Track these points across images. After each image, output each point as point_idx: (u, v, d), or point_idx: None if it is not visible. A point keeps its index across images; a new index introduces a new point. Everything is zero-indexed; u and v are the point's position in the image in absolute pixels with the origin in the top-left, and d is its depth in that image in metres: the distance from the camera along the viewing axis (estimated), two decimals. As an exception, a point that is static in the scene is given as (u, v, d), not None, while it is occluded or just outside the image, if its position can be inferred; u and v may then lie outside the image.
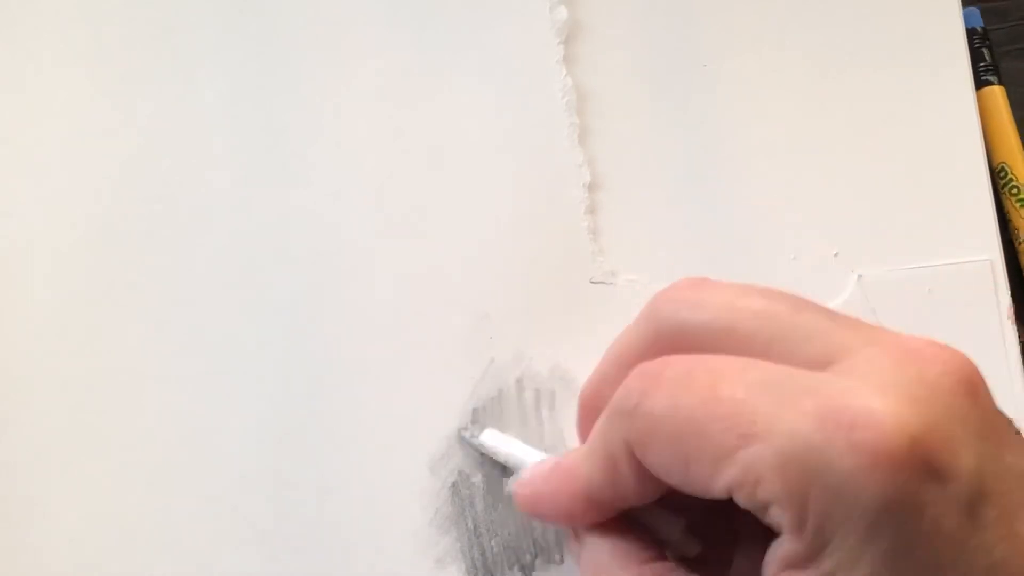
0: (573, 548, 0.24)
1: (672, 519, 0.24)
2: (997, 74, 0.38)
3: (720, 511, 0.22)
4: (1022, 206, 0.36)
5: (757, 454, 0.18)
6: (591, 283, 0.31)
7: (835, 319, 0.20)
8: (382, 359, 0.30)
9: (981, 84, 0.37)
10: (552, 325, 0.31)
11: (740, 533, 0.23)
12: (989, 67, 0.38)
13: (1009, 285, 0.32)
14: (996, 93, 0.38)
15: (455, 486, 0.30)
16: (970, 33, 0.37)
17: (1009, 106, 0.38)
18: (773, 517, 0.18)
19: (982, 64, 0.38)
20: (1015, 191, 0.36)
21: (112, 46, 0.32)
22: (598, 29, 0.33)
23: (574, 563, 0.25)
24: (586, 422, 0.25)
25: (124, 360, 0.30)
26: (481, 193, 0.32)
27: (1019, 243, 0.36)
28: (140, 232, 0.31)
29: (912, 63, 0.33)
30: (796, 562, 0.18)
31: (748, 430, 0.18)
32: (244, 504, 0.29)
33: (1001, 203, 0.36)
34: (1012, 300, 0.32)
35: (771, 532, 0.19)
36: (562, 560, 0.29)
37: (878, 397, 0.17)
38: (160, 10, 0.32)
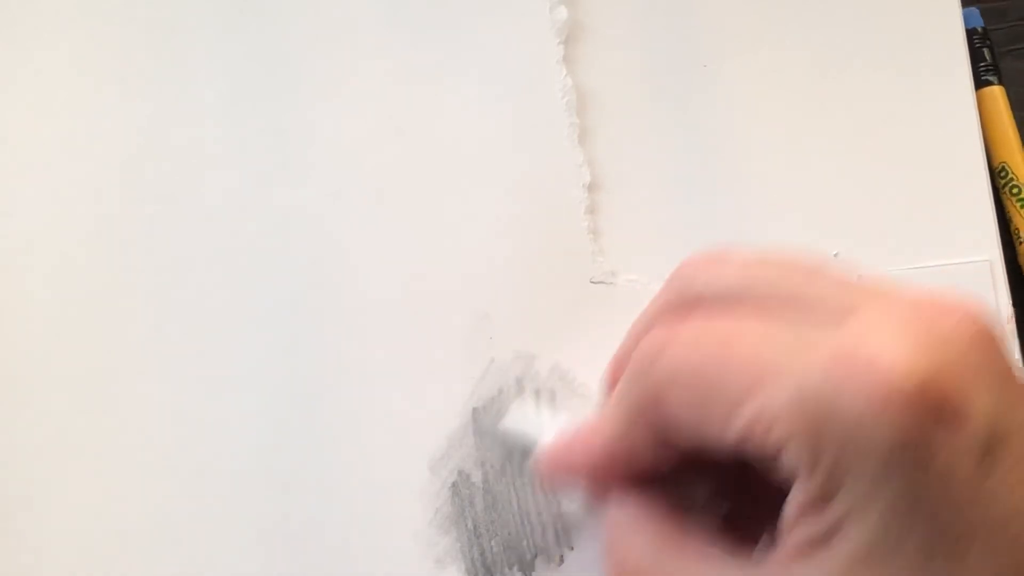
0: (597, 511, 0.24)
1: (699, 482, 0.24)
2: (997, 74, 0.38)
3: (745, 484, 0.22)
4: (1022, 206, 0.36)
5: (770, 398, 0.18)
6: (591, 283, 0.31)
7: (855, 272, 0.20)
8: (382, 359, 0.30)
9: (981, 84, 0.37)
10: (552, 325, 0.31)
11: (765, 506, 0.23)
12: (989, 67, 0.38)
13: (1009, 285, 0.32)
14: (996, 93, 0.38)
15: (455, 486, 0.30)
16: (970, 33, 0.37)
17: (1009, 106, 0.38)
18: (786, 462, 0.18)
19: (982, 64, 0.38)
20: (1015, 191, 0.36)
21: (112, 46, 0.32)
22: (598, 29, 0.33)
23: (594, 528, 0.24)
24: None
25: (124, 360, 0.30)
26: (481, 193, 0.32)
27: (1019, 243, 0.36)
28: (140, 232, 0.31)
29: (912, 63, 0.33)
30: (809, 507, 0.18)
31: (761, 376, 0.18)
32: (244, 504, 0.29)
33: (1001, 203, 0.36)
34: (1012, 300, 0.32)
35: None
36: (562, 560, 0.29)
37: (891, 342, 0.17)
38: (160, 10, 0.32)
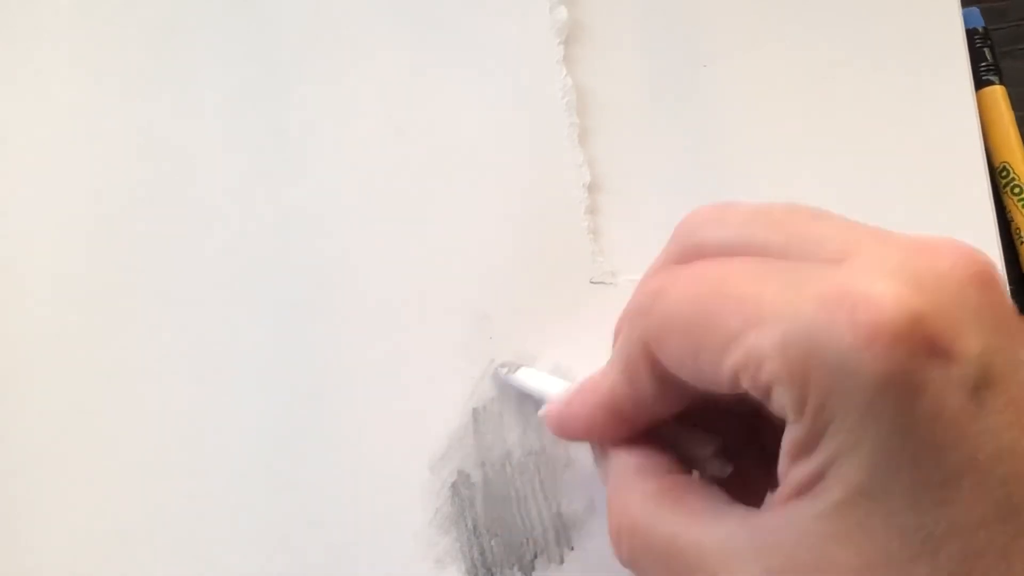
0: (600, 464, 0.24)
1: (703, 439, 0.24)
2: (998, 74, 0.38)
3: (750, 447, 0.22)
4: (1023, 206, 0.36)
5: (761, 335, 0.18)
6: (591, 283, 0.31)
7: (854, 224, 0.20)
8: (382, 359, 0.30)
9: (982, 84, 0.37)
10: (552, 325, 0.31)
11: (770, 470, 0.23)
12: (990, 67, 0.38)
13: (1009, 285, 0.32)
14: (996, 93, 0.38)
15: (455, 486, 0.30)
16: (971, 33, 0.37)
17: (1010, 106, 0.38)
18: (777, 403, 0.18)
19: (983, 64, 0.38)
20: (1016, 191, 0.36)
21: (112, 46, 0.32)
22: (598, 29, 0.33)
23: (601, 482, 0.24)
24: None
25: (124, 360, 0.30)
26: (481, 193, 0.32)
27: (1020, 243, 0.36)
28: (140, 232, 0.31)
29: (912, 63, 0.33)
30: (800, 449, 0.18)
31: (753, 315, 0.18)
32: (244, 504, 0.29)
33: (1001, 203, 0.36)
34: (1012, 300, 0.31)
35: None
36: (562, 560, 0.29)
37: (882, 281, 0.17)
38: (160, 10, 0.32)
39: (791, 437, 0.18)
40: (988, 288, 0.18)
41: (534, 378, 0.29)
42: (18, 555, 0.29)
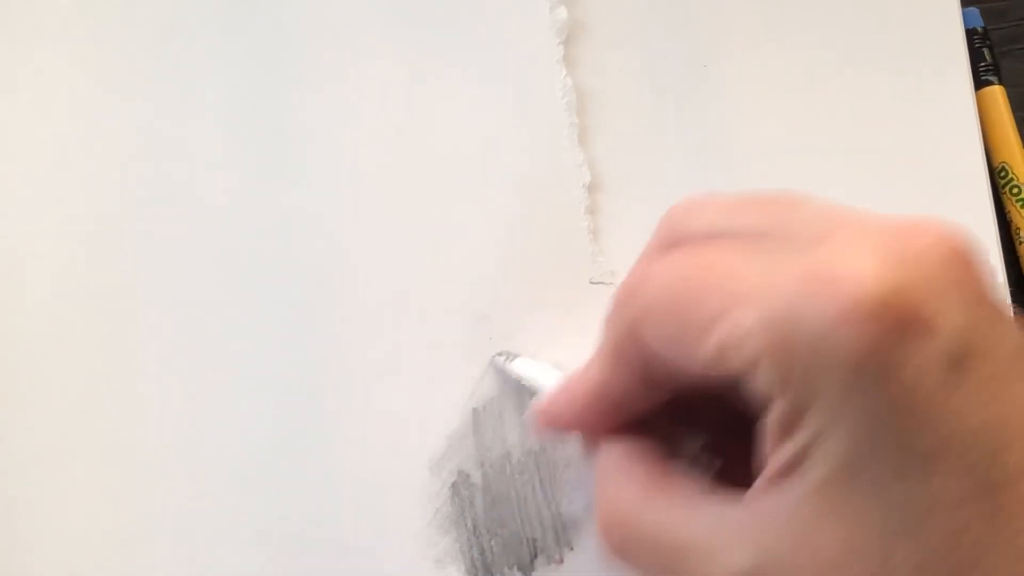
0: (590, 457, 0.24)
1: (691, 434, 0.24)
2: (997, 74, 0.38)
3: (738, 442, 0.22)
4: (1022, 206, 0.36)
5: (744, 313, 0.18)
6: (591, 283, 0.31)
7: (837, 206, 0.20)
8: (382, 359, 0.30)
9: (981, 84, 0.37)
10: (552, 325, 0.31)
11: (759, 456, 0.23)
12: (989, 67, 0.38)
13: (1009, 285, 0.32)
14: (996, 93, 0.38)
15: (455, 486, 0.30)
16: (970, 33, 0.37)
17: (1009, 106, 0.38)
18: (757, 386, 0.18)
19: (982, 64, 0.38)
20: (1015, 191, 0.36)
21: (112, 46, 0.32)
22: (598, 29, 0.33)
23: (591, 473, 0.24)
24: None
25: (124, 360, 0.30)
26: (481, 193, 0.32)
27: (1019, 243, 0.36)
28: (140, 232, 0.31)
29: (912, 63, 0.33)
30: (781, 432, 0.18)
31: (732, 298, 0.18)
32: (244, 504, 0.29)
33: (1001, 203, 0.36)
34: (1012, 300, 0.32)
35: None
36: (562, 560, 0.29)
37: (859, 260, 0.17)
38: (160, 10, 0.32)
39: (774, 416, 0.18)
40: (965, 267, 0.18)
41: (531, 367, 0.29)
42: (18, 555, 0.29)
